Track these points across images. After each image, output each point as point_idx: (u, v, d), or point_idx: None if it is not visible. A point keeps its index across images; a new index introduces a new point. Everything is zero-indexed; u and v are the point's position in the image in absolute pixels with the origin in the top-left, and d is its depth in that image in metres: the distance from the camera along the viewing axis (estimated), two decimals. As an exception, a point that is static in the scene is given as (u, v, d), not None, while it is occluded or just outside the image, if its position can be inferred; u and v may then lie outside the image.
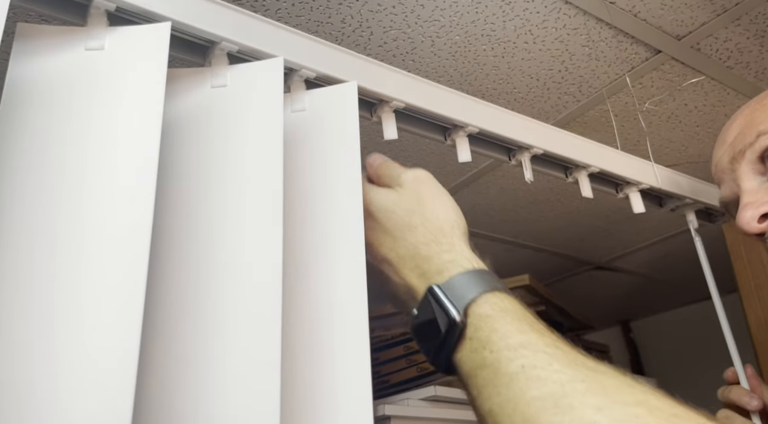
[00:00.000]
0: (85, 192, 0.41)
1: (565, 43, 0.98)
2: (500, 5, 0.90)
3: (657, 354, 2.16)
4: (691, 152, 1.28)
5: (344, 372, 0.44)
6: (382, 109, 0.57)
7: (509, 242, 1.63)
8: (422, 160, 1.26)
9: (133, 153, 0.42)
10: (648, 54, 1.00)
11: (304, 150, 0.50)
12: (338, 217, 0.49)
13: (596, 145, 0.68)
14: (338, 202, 0.49)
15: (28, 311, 0.37)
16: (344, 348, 0.45)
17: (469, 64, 1.01)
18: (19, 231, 0.39)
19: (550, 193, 1.40)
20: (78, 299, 0.38)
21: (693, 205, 0.81)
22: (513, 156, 0.65)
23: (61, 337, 0.37)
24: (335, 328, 0.45)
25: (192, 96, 0.47)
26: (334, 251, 0.47)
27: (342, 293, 0.46)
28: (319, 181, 0.50)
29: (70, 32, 0.45)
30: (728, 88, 1.09)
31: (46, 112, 0.42)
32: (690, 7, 0.92)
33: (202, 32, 0.49)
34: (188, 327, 0.43)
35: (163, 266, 0.43)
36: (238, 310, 0.43)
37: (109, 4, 0.46)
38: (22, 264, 0.38)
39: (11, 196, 0.40)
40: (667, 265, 1.80)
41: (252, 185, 0.46)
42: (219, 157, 0.47)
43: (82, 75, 0.43)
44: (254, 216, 0.45)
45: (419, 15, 0.91)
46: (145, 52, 0.46)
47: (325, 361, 0.45)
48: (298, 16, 0.90)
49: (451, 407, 1.24)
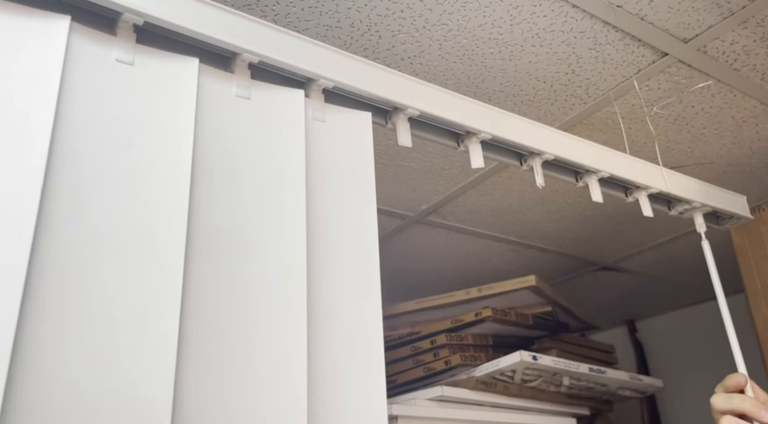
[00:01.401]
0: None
1: (572, 46, 0.98)
2: (508, 9, 0.91)
3: (663, 354, 2.16)
4: (697, 154, 1.28)
5: (360, 375, 0.45)
6: (397, 116, 0.58)
7: (515, 242, 1.63)
8: (429, 161, 1.26)
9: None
10: (655, 57, 1.01)
11: (323, 159, 0.51)
12: (354, 227, 0.49)
13: (606, 150, 0.69)
14: (354, 212, 0.50)
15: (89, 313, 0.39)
16: (361, 353, 0.46)
17: (476, 67, 1.02)
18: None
19: (556, 194, 1.41)
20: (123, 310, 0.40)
21: (701, 208, 0.82)
22: (524, 161, 0.65)
23: (111, 337, 0.39)
24: (353, 335, 0.46)
25: (216, 106, 0.49)
26: (349, 262, 0.48)
27: (358, 303, 0.47)
28: (339, 190, 0.51)
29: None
30: (735, 91, 1.10)
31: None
32: (697, 10, 0.92)
33: (226, 44, 0.50)
34: (224, 330, 0.44)
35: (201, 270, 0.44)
36: (267, 313, 0.45)
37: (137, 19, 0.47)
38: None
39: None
40: (673, 265, 1.81)
41: (277, 198, 0.47)
42: (249, 162, 0.48)
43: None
44: (281, 228, 0.47)
45: (427, 19, 0.92)
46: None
47: (343, 365, 0.46)
48: (307, 20, 0.91)
49: (458, 407, 1.25)
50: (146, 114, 0.47)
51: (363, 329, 0.45)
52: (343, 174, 0.52)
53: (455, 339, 1.33)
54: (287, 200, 0.47)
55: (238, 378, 0.43)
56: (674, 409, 2.06)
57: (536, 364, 1.24)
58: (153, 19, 0.48)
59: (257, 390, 0.43)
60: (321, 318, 0.47)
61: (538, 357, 1.24)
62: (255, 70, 0.52)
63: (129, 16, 0.47)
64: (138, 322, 0.39)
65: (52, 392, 0.37)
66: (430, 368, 1.34)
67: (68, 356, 0.38)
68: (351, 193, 0.51)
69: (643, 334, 2.22)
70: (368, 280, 0.48)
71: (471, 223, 1.50)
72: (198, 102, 0.49)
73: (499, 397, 1.28)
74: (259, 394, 0.43)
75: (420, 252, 1.65)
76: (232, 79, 0.51)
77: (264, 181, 0.48)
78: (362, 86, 0.55)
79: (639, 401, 2.07)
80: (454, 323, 1.36)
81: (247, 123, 0.50)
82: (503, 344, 1.38)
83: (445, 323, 1.37)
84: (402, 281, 1.79)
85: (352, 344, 0.45)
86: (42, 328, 0.38)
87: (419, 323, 1.44)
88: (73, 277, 0.40)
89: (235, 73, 0.52)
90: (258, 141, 0.49)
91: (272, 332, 0.45)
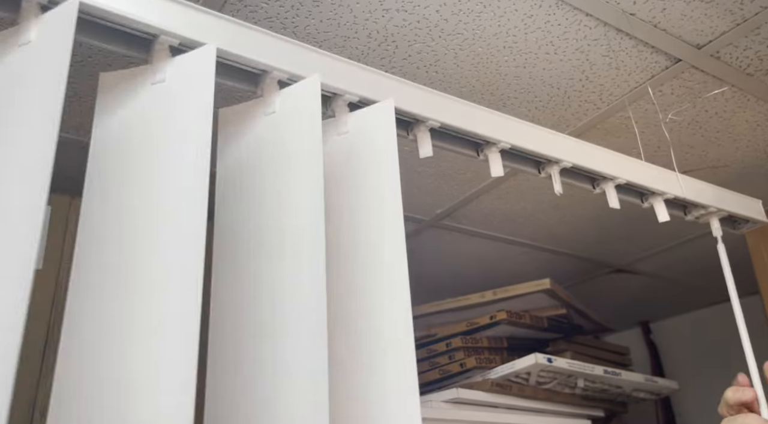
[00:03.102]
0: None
1: (586, 53, 1.00)
2: (522, 18, 0.92)
3: (677, 355, 2.16)
4: (710, 158, 1.29)
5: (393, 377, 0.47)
6: (419, 128, 0.60)
7: (529, 245, 1.64)
8: (443, 166, 1.28)
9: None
10: (668, 63, 1.02)
11: (349, 169, 0.53)
12: (382, 229, 0.51)
13: (623, 157, 0.70)
14: (381, 215, 0.52)
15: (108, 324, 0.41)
16: (391, 356, 0.48)
17: (491, 75, 1.04)
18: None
19: (569, 197, 1.42)
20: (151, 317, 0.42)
21: (717, 213, 0.83)
22: (542, 169, 0.67)
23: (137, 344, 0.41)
24: (384, 342, 0.48)
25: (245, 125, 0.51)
26: (379, 268, 0.50)
27: (387, 306, 0.49)
28: (363, 197, 0.53)
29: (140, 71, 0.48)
30: (748, 95, 1.11)
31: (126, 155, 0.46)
32: (710, 17, 0.93)
33: (251, 61, 0.52)
34: (247, 332, 0.46)
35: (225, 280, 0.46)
36: (288, 318, 0.47)
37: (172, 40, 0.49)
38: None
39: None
40: (686, 268, 1.81)
41: (295, 210, 0.49)
42: (269, 178, 0.50)
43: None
44: (300, 234, 0.49)
45: (443, 29, 0.94)
46: (196, 81, 0.49)
47: (372, 367, 0.48)
48: (325, 32, 0.93)
49: (474, 409, 1.27)
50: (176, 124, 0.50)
51: (393, 331, 0.47)
52: (369, 180, 0.54)
53: (470, 342, 1.34)
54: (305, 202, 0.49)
55: (257, 377, 0.45)
56: (689, 411, 2.06)
57: (551, 366, 1.25)
58: (187, 41, 0.50)
59: (277, 389, 0.45)
60: (348, 322, 0.49)
61: (552, 359, 1.26)
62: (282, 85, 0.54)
63: (165, 38, 0.49)
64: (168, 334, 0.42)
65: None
66: (446, 371, 1.36)
67: (91, 364, 0.40)
68: (379, 198, 0.53)
69: (657, 335, 2.22)
70: (397, 282, 0.50)
71: (485, 226, 1.52)
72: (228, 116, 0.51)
73: (514, 399, 1.29)
74: (279, 393, 0.45)
75: (435, 256, 1.67)
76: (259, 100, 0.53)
77: (287, 186, 0.50)
78: (385, 100, 0.57)
79: (654, 403, 2.07)
80: (470, 325, 1.38)
81: (273, 135, 0.52)
82: (518, 346, 1.40)
83: (460, 325, 1.39)
84: (417, 284, 1.81)
85: (381, 347, 0.47)
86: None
87: (435, 325, 1.45)
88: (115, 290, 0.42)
89: (264, 94, 0.54)
90: (284, 152, 0.52)
91: (293, 336, 0.46)
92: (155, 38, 0.48)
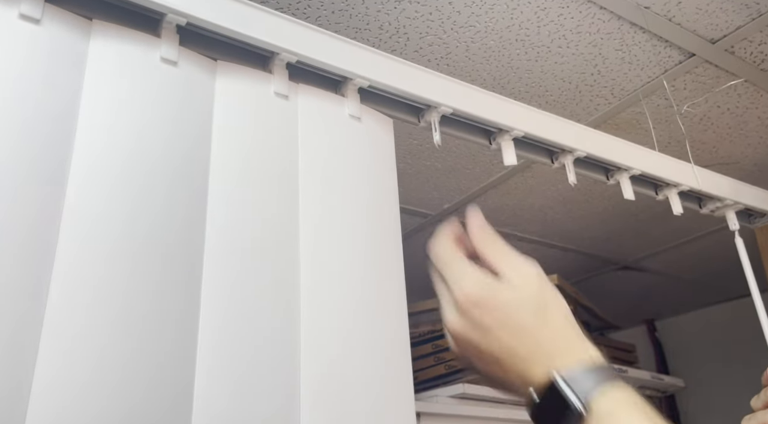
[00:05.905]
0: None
1: (599, 47, 0.99)
2: (535, 11, 0.92)
3: (682, 353, 2.15)
4: (722, 154, 1.28)
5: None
6: (430, 114, 0.59)
7: (537, 241, 1.64)
8: (452, 161, 1.28)
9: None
10: (681, 57, 1.01)
11: (355, 156, 0.53)
12: (380, 225, 0.51)
13: (638, 147, 0.69)
14: (380, 211, 0.52)
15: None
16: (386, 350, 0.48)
17: (502, 68, 1.03)
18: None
19: (577, 193, 1.41)
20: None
21: (733, 206, 0.82)
22: (556, 159, 0.66)
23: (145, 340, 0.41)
24: (379, 333, 0.47)
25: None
26: (375, 259, 0.49)
27: (384, 297, 0.49)
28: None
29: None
30: (761, 91, 1.10)
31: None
32: (725, 11, 0.93)
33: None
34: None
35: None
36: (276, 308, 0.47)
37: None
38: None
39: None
40: (693, 265, 1.80)
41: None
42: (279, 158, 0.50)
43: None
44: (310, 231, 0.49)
45: (455, 21, 0.93)
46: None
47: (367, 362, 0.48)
48: (337, 23, 0.92)
49: (480, 404, 1.26)
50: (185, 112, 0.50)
51: (386, 325, 0.47)
52: (370, 171, 0.54)
53: (477, 337, 1.34)
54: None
55: (245, 373, 0.45)
56: (694, 408, 2.05)
57: (558, 362, 1.24)
58: (196, 20, 0.50)
59: (262, 386, 0.45)
60: (339, 314, 0.48)
61: (560, 355, 1.25)
62: (292, 70, 0.54)
63: (173, 17, 0.49)
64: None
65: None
66: (452, 366, 1.35)
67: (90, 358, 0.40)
68: (377, 190, 0.53)
69: (662, 333, 2.21)
70: (392, 276, 0.50)
71: (492, 222, 1.49)
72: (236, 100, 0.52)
73: (520, 394, 1.29)
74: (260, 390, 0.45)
75: (441, 251, 1.66)
76: (270, 79, 0.53)
77: (287, 178, 0.50)
78: (396, 85, 0.57)
79: (659, 401, 2.06)
80: (476, 321, 1.37)
81: (285, 121, 0.52)
82: (524, 342, 1.39)
83: (467, 320, 1.38)
84: (423, 279, 1.81)
85: (375, 341, 0.47)
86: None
87: (440, 320, 1.45)
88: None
89: (274, 74, 0.54)
90: (290, 139, 0.51)
91: (276, 327, 0.46)
92: (163, 17, 0.48)
